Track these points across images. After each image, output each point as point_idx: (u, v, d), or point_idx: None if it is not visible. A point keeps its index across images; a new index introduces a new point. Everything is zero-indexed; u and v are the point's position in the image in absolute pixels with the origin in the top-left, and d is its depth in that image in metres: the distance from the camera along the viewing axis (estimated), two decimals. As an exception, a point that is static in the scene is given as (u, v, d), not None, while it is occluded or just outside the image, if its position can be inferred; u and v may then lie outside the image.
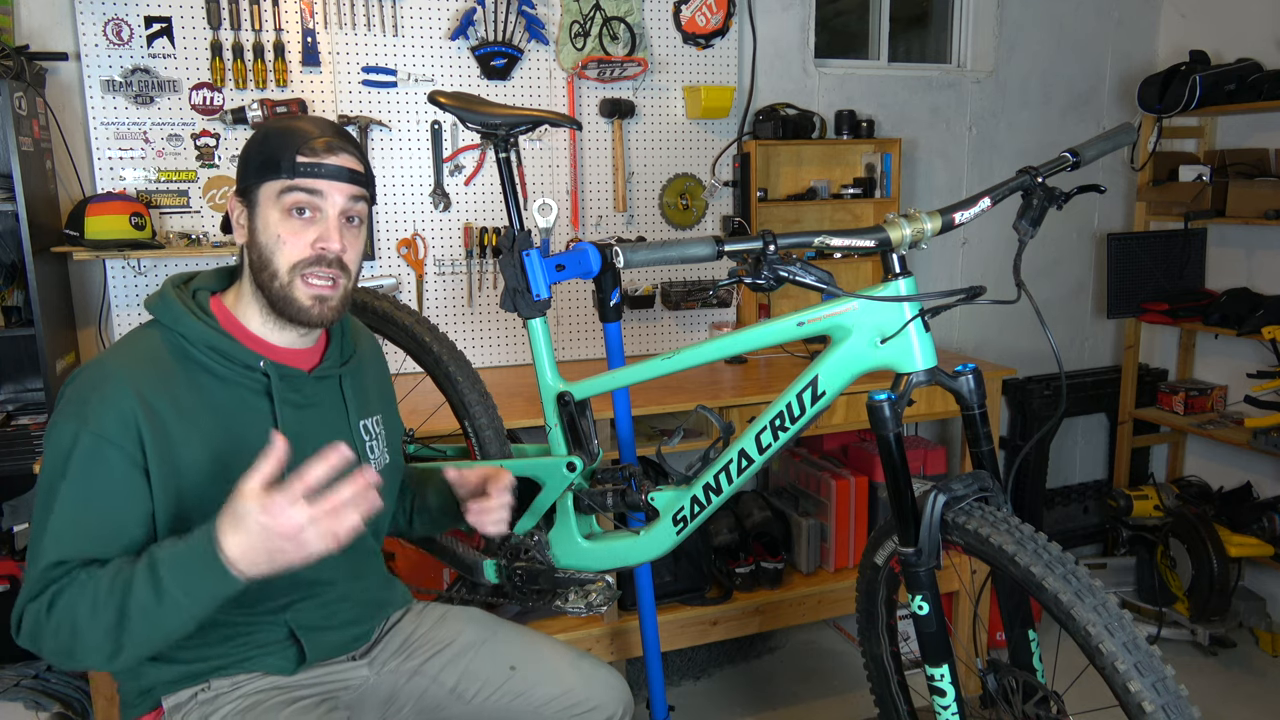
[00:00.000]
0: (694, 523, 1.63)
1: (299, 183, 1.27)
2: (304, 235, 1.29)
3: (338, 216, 1.30)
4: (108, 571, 1.14)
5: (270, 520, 1.07)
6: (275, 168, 1.27)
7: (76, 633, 1.12)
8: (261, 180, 1.28)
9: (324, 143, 1.29)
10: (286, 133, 1.29)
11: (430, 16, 2.67)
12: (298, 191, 1.27)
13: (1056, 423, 3.03)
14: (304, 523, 1.07)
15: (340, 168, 1.29)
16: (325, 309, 1.32)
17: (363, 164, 1.34)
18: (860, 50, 3.38)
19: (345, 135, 1.34)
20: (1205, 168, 3.25)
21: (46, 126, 2.35)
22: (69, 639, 1.12)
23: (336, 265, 1.30)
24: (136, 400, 1.20)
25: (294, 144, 1.27)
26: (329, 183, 1.28)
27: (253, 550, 1.08)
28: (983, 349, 3.51)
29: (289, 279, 1.29)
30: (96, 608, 1.11)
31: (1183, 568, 3.05)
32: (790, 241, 1.38)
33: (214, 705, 1.32)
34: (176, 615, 1.11)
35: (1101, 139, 1.49)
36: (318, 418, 1.38)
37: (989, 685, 1.50)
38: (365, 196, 1.35)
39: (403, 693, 1.48)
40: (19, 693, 2.20)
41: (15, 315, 2.30)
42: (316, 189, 1.28)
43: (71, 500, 1.17)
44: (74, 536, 1.17)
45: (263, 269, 1.29)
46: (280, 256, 1.28)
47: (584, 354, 2.97)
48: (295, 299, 1.30)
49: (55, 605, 1.13)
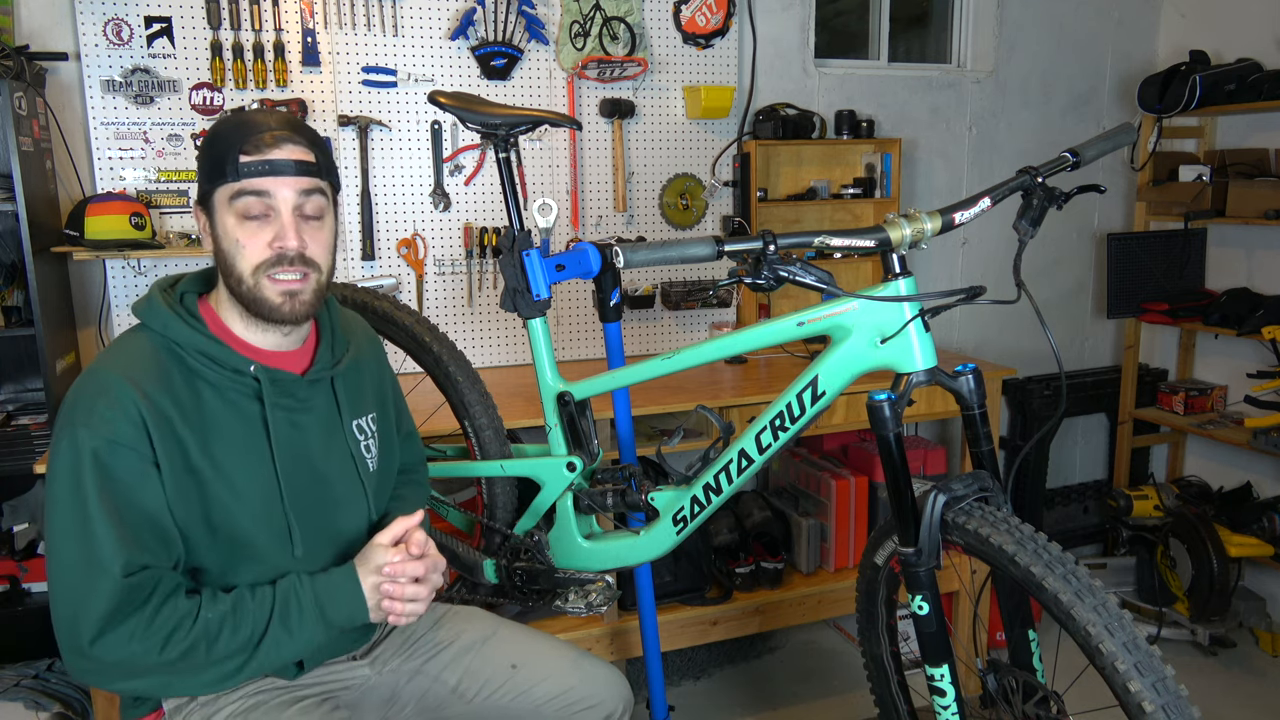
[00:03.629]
0: (694, 523, 1.63)
1: (245, 185, 1.24)
2: (260, 236, 1.26)
3: (291, 213, 1.26)
4: (235, 596, 1.24)
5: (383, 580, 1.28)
6: (221, 171, 1.24)
7: (211, 645, 1.20)
8: (213, 185, 1.26)
9: (269, 137, 1.24)
10: (230, 132, 1.26)
11: (430, 16, 2.67)
12: (246, 195, 1.24)
13: (1056, 423, 3.03)
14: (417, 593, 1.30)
15: (286, 161, 1.25)
16: (297, 304, 1.29)
17: (314, 152, 1.29)
18: (860, 50, 3.38)
19: (294, 124, 1.29)
20: (1205, 168, 3.25)
21: (46, 126, 2.35)
22: (185, 671, 1.19)
23: (300, 261, 1.27)
24: (141, 400, 1.20)
25: (238, 143, 1.24)
26: (275, 179, 1.24)
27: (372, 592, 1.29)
28: (983, 349, 3.51)
29: (254, 281, 1.27)
30: (234, 629, 1.22)
31: (1183, 568, 3.05)
32: (790, 241, 1.38)
33: (215, 705, 1.32)
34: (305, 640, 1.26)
35: (1101, 139, 1.49)
36: (311, 421, 1.38)
37: (989, 685, 1.50)
38: (320, 187, 1.29)
39: (404, 692, 1.48)
40: (19, 693, 2.20)
41: (15, 315, 2.30)
42: (263, 189, 1.24)
43: (108, 509, 1.17)
44: (130, 543, 1.17)
45: (229, 274, 1.28)
46: (241, 260, 1.26)
47: (584, 354, 2.97)
48: (265, 298, 1.28)
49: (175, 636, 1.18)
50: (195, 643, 1.18)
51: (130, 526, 1.18)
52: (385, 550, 1.29)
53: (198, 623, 1.19)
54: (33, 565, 2.35)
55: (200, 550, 1.26)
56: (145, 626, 1.16)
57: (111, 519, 1.17)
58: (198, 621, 1.19)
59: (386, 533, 1.31)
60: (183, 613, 1.18)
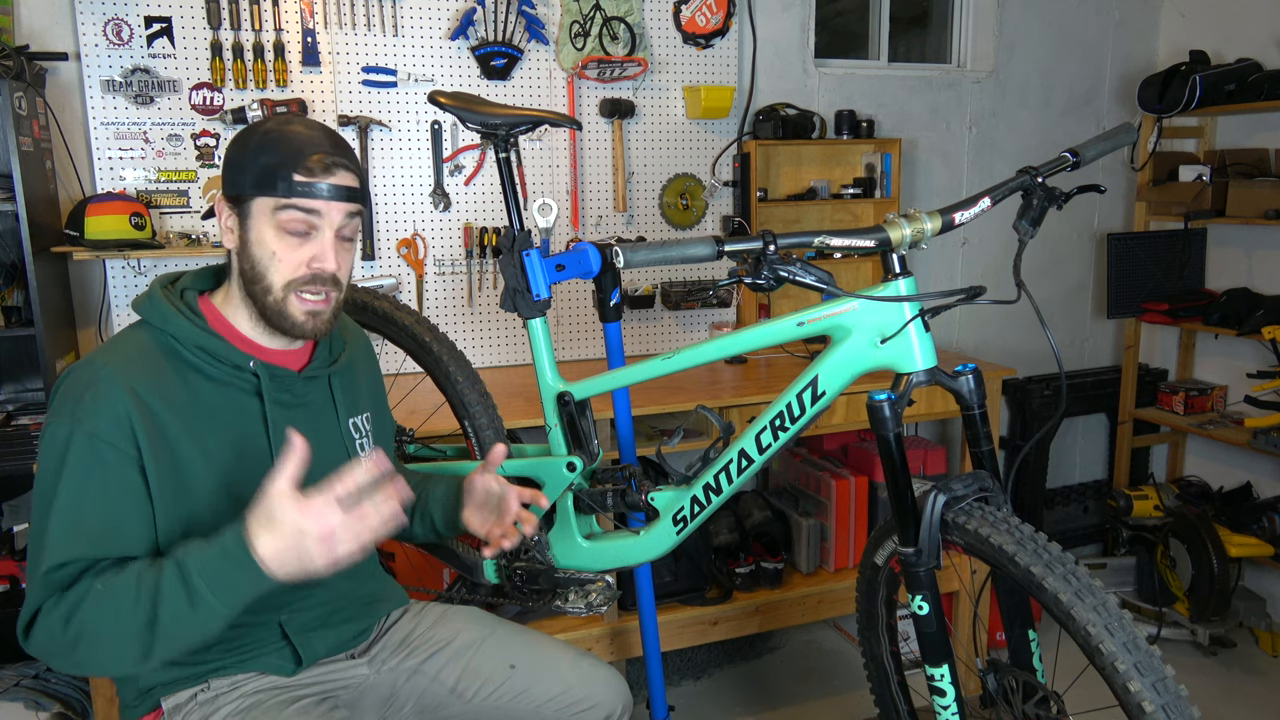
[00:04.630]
0: (694, 523, 1.63)
1: (296, 202, 1.25)
2: (299, 253, 1.27)
3: (334, 235, 1.29)
4: (127, 577, 1.12)
5: (307, 522, 1.08)
6: (272, 185, 1.25)
7: (98, 640, 1.12)
8: (257, 193, 1.26)
9: (322, 161, 1.26)
10: (283, 145, 1.26)
11: (430, 16, 2.67)
12: (295, 210, 1.26)
13: (1056, 423, 3.02)
14: (337, 526, 1.08)
15: (338, 187, 1.27)
16: (318, 323, 1.32)
17: (359, 177, 1.32)
18: (860, 50, 3.38)
19: (342, 147, 1.31)
20: (1205, 168, 3.25)
21: (46, 126, 2.35)
22: (90, 648, 1.12)
23: (330, 282, 1.30)
24: (130, 398, 1.19)
25: (291, 161, 1.25)
26: (327, 203, 1.27)
27: (285, 551, 1.09)
28: (983, 349, 3.51)
29: (283, 295, 1.28)
30: (121, 614, 1.11)
31: (1183, 568, 3.05)
32: (790, 241, 1.38)
33: (214, 705, 1.32)
34: (210, 618, 1.11)
35: (1101, 139, 1.49)
36: (307, 417, 1.38)
37: (989, 685, 1.50)
38: (361, 211, 1.33)
39: (403, 691, 1.48)
40: (19, 693, 2.20)
41: (15, 315, 2.31)
42: (314, 209, 1.27)
43: (69, 502, 1.17)
44: (74, 538, 1.16)
45: (255, 282, 1.28)
46: (274, 273, 1.27)
47: (584, 354, 2.97)
48: (289, 314, 1.29)
49: (74, 616, 1.12)
50: (86, 622, 1.11)
51: (85, 522, 1.17)
52: (284, 499, 1.09)
53: (88, 598, 1.12)
54: (33, 565, 2.35)
55: None
56: (52, 608, 1.13)
57: (68, 513, 1.16)
58: (88, 596, 1.12)
59: (279, 478, 1.09)
60: (81, 589, 1.13)
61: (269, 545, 1.09)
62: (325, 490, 1.09)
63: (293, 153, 1.26)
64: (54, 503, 1.17)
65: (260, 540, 1.09)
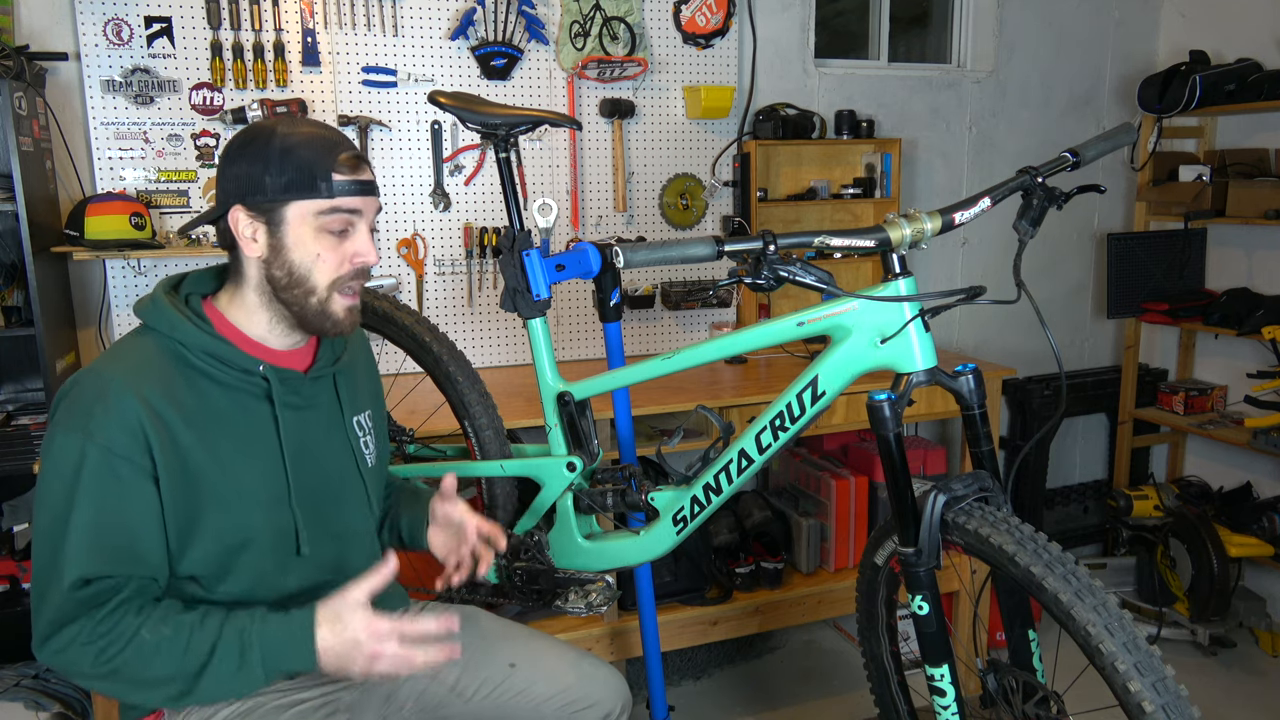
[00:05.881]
0: (694, 523, 1.63)
1: (340, 203, 1.27)
2: (340, 250, 1.30)
3: (368, 230, 1.33)
4: (179, 632, 1.16)
5: (366, 637, 1.17)
6: (311, 188, 1.25)
7: (136, 683, 1.16)
8: (292, 198, 1.25)
9: (350, 160, 1.28)
10: (308, 148, 1.26)
11: (430, 16, 2.67)
12: (340, 212, 1.28)
13: (1056, 423, 3.03)
14: (388, 654, 1.18)
15: (370, 183, 1.31)
16: (354, 318, 1.35)
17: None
18: (860, 50, 3.38)
19: (351, 143, 1.34)
20: (1205, 168, 3.25)
21: (46, 126, 2.35)
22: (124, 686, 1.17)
23: (366, 275, 1.35)
24: (141, 407, 1.19)
25: (326, 163, 1.26)
26: (365, 199, 1.30)
27: (336, 649, 1.18)
28: (983, 349, 3.51)
29: (327, 295, 1.30)
30: (166, 665, 1.15)
31: (1183, 568, 3.05)
32: (790, 241, 1.38)
33: (213, 706, 1.31)
34: (248, 684, 1.18)
35: (1101, 139, 1.49)
36: (315, 418, 1.39)
37: (989, 685, 1.50)
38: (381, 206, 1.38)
39: (402, 691, 1.48)
40: (19, 693, 2.20)
41: (15, 315, 2.30)
42: (356, 208, 1.29)
43: (87, 517, 1.16)
44: (95, 554, 1.16)
45: (296, 286, 1.29)
46: (318, 274, 1.29)
47: (584, 354, 2.97)
48: (331, 313, 1.31)
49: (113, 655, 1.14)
50: (128, 662, 1.15)
51: (105, 538, 1.17)
52: (359, 609, 1.19)
53: (132, 643, 1.15)
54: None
55: (194, 557, 1.25)
56: (86, 636, 1.15)
57: (87, 529, 1.16)
58: (133, 641, 1.15)
59: (360, 588, 1.19)
60: (123, 628, 1.15)
61: (327, 639, 1.18)
62: (395, 621, 1.18)
63: (324, 154, 1.26)
64: (70, 517, 1.16)
65: (321, 631, 1.18)
